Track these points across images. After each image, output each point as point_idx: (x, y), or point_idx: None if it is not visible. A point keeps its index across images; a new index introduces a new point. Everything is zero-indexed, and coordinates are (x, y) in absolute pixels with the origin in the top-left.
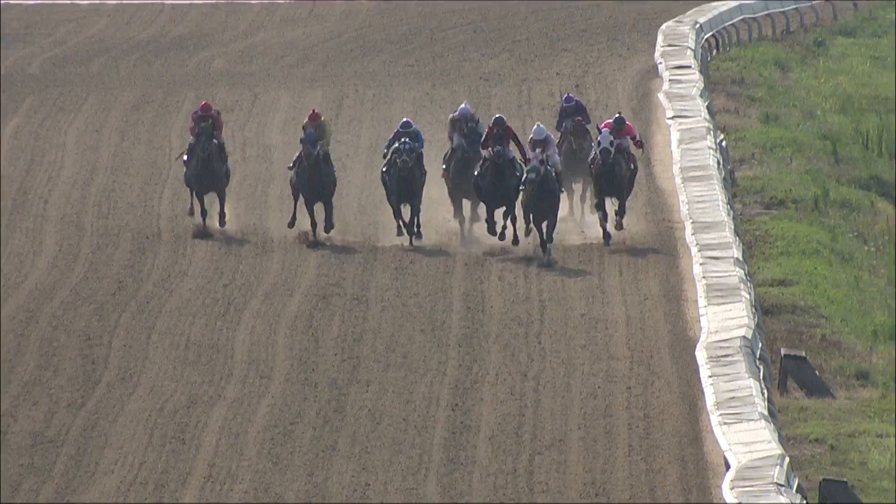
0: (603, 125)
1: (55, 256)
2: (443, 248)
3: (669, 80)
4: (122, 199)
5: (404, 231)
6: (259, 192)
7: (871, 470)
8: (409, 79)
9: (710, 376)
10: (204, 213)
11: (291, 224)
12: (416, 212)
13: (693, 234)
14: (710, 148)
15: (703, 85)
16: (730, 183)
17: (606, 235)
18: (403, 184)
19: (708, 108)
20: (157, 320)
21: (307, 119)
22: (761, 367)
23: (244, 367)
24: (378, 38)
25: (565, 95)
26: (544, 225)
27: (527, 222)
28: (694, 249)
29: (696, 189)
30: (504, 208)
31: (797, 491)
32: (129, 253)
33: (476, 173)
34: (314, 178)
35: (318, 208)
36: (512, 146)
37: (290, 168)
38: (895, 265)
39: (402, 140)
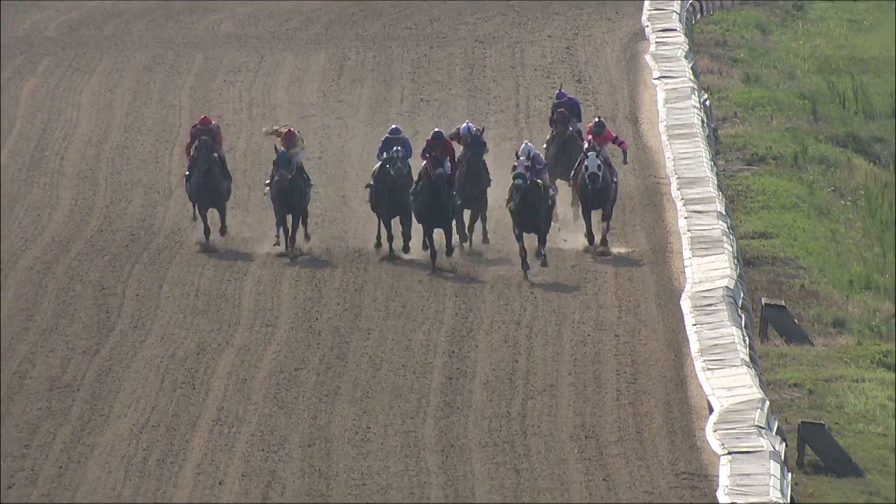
0: (586, 132)
1: (71, 210)
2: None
3: (656, 43)
4: (135, 155)
5: (387, 241)
6: (265, 150)
7: (847, 413)
8: (407, 41)
9: (694, 324)
10: (207, 231)
11: (278, 242)
12: (407, 225)
13: (678, 189)
14: (694, 107)
15: (687, 47)
16: (713, 140)
17: (590, 236)
18: (396, 194)
19: (692, 69)
20: (168, 271)
21: (283, 138)
22: (743, 316)
23: (251, 316)
24: (378, 2)
25: (557, 91)
26: (535, 236)
27: (515, 234)
28: (679, 204)
29: (681, 146)
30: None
31: (777, 433)
32: (142, 207)
33: (411, 190)
34: (288, 194)
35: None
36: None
37: (266, 185)
38: (870, 218)
39: (395, 149)
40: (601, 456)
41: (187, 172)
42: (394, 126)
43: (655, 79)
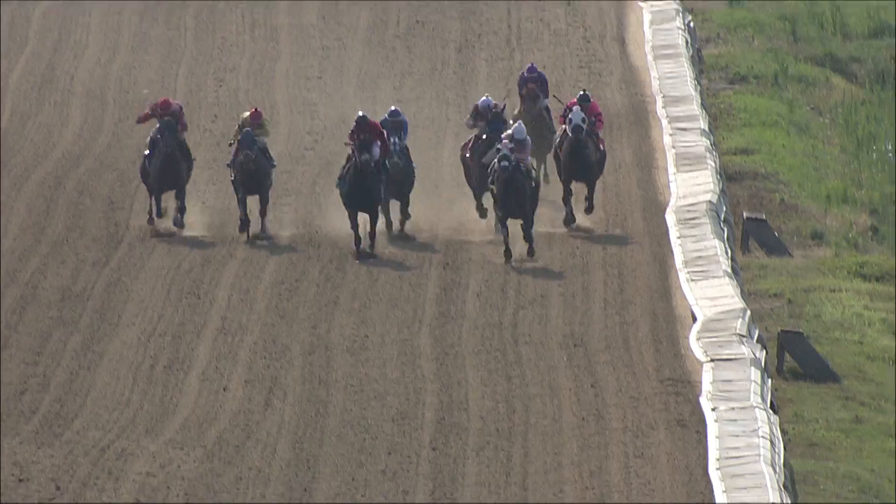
0: (569, 103)
1: (81, 128)
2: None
3: None
4: (142, 75)
5: (385, 227)
6: (266, 69)
7: (824, 322)
8: None
9: (678, 237)
10: (159, 214)
11: (242, 228)
12: (405, 211)
13: (663, 108)
14: (679, 28)
15: None
16: (697, 60)
17: (570, 217)
18: (394, 185)
19: None
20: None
21: (248, 116)
22: (725, 229)
23: (253, 230)
24: None
25: (528, 65)
26: (520, 224)
27: (498, 217)
28: (664, 121)
29: (666, 66)
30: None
31: (758, 341)
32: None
33: (339, 175)
34: (252, 175)
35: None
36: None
37: (229, 166)
38: (847, 135)
39: (393, 140)
40: (589, 363)
41: (147, 152)
42: (393, 108)
43: (641, 1)
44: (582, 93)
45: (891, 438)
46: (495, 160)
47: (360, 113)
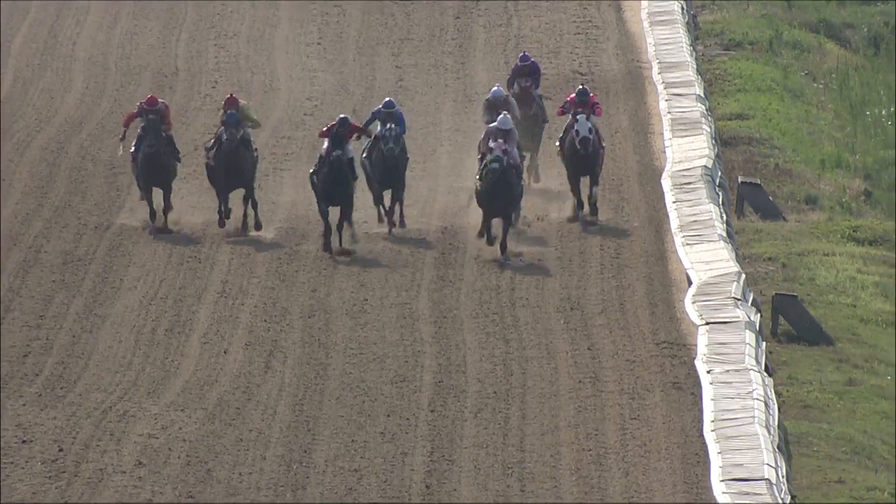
0: (568, 99)
1: (83, 93)
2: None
3: None
4: (143, 41)
5: (385, 219)
6: (266, 36)
7: (818, 285)
8: None
9: (674, 202)
10: (153, 214)
11: (222, 223)
12: (399, 199)
13: (659, 73)
14: None
15: None
16: (692, 27)
17: (580, 203)
18: (388, 172)
19: None
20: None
21: (224, 103)
22: (720, 194)
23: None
24: None
25: (521, 54)
26: (502, 222)
27: (484, 216)
28: (660, 87)
29: (662, 32)
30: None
31: (752, 304)
32: (150, 90)
33: (312, 170)
34: (232, 164)
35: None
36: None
37: (207, 151)
38: (841, 100)
39: (388, 126)
40: (586, 326)
41: (133, 149)
42: (388, 99)
43: None
44: (581, 87)
45: (883, 400)
46: (487, 160)
47: (343, 115)
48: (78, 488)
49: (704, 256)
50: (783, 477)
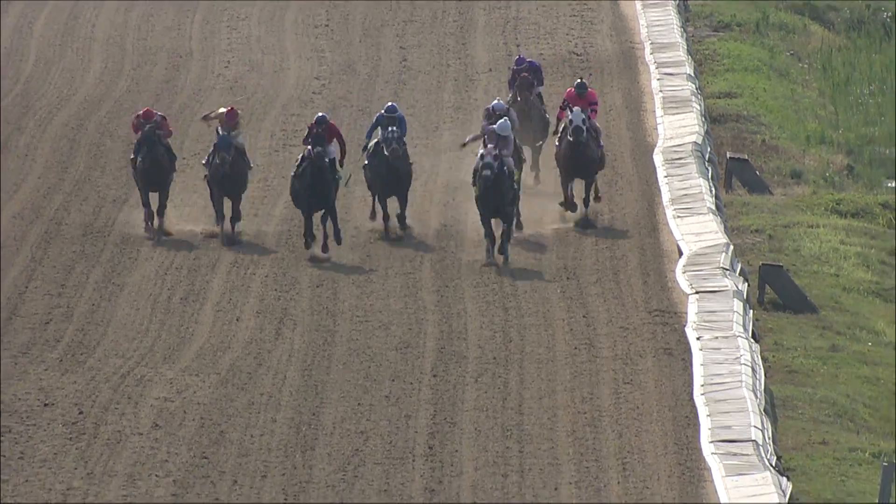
0: (566, 93)
1: (101, 73)
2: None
3: None
4: (159, 22)
5: (382, 220)
6: (277, 17)
7: (803, 255)
8: None
9: (665, 176)
10: (150, 216)
11: (216, 228)
12: (403, 203)
13: (651, 54)
14: None
15: None
16: (683, 9)
17: (572, 205)
18: (392, 175)
19: None
20: (190, 128)
21: (224, 114)
22: (710, 168)
23: (263, 170)
24: None
25: (517, 57)
26: (500, 228)
27: (482, 218)
28: (652, 67)
29: (653, 14)
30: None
31: (740, 274)
32: (165, 70)
33: (292, 174)
34: (227, 177)
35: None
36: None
37: (204, 164)
38: (825, 80)
39: (390, 129)
40: (581, 295)
41: (132, 155)
42: (390, 104)
43: None
44: (579, 80)
45: (865, 365)
46: (479, 166)
47: (321, 114)
48: (97, 449)
49: (694, 228)
50: (769, 438)
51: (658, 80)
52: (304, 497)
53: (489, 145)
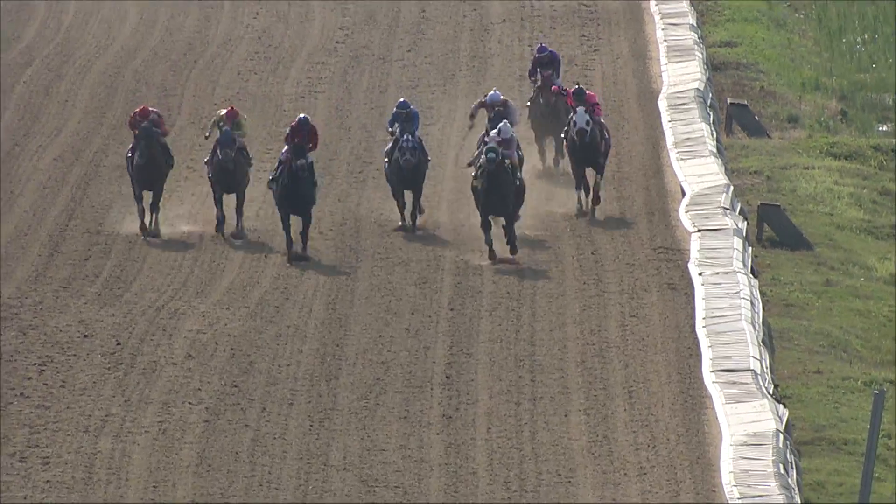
0: (567, 100)
1: (137, 23)
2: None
3: None
4: None
5: (407, 220)
6: None
7: (799, 196)
8: None
9: (669, 121)
10: (142, 212)
11: (219, 227)
12: (417, 197)
13: (656, 5)
14: None
15: None
16: None
17: (587, 189)
18: (408, 176)
19: None
20: (220, 75)
21: (224, 115)
22: (711, 113)
23: (291, 115)
24: None
25: (538, 45)
26: (502, 221)
27: (481, 216)
28: (657, 17)
29: None
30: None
31: (740, 213)
32: (197, 21)
33: (270, 178)
34: (230, 174)
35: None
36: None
37: (206, 163)
38: (820, 29)
39: (406, 137)
40: (590, 233)
41: (129, 154)
42: (402, 100)
43: None
44: (577, 87)
45: (857, 299)
46: (482, 153)
47: (302, 115)
48: (134, 378)
49: (697, 170)
50: (767, 368)
51: (662, 29)
52: (329, 424)
53: (492, 133)
